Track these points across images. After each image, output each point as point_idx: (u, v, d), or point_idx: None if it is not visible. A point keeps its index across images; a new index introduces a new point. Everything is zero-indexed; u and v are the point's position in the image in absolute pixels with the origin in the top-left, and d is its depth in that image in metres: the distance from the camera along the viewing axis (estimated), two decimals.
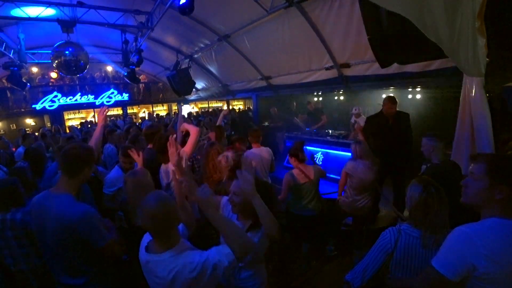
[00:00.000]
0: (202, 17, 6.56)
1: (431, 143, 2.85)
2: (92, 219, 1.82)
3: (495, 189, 1.33)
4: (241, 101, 17.20)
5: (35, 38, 8.10)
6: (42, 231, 1.86)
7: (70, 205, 1.80)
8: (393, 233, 1.70)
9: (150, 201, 1.47)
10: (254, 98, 9.83)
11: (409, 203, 1.70)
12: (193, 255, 1.49)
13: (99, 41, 9.85)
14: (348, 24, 4.84)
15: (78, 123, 13.59)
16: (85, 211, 1.81)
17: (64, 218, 1.76)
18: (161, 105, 17.72)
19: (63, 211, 1.77)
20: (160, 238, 1.51)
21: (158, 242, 1.52)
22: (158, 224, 1.46)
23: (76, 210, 1.78)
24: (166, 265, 1.45)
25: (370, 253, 1.75)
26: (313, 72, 6.46)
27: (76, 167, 1.89)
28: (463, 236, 1.33)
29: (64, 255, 1.85)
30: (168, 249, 1.48)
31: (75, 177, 1.90)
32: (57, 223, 1.77)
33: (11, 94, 13.46)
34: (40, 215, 1.86)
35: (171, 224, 1.50)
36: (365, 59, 5.24)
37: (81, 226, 1.76)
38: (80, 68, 5.85)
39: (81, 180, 1.96)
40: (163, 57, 10.61)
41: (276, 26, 5.87)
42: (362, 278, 1.70)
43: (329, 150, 6.17)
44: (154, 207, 1.44)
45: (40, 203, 1.89)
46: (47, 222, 1.82)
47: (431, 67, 4.19)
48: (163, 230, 1.49)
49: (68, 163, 1.89)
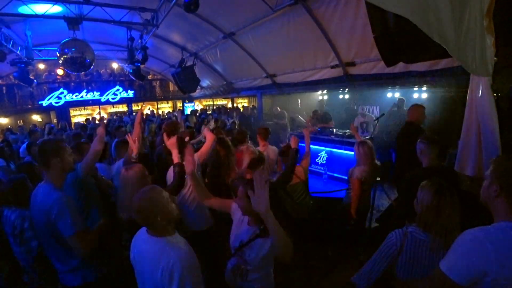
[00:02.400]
0: (207, 15, 6.55)
1: (420, 146, 2.76)
2: (63, 206, 1.90)
3: (492, 186, 1.36)
4: (246, 99, 17.18)
5: (42, 35, 8.15)
6: (34, 219, 2.07)
7: (47, 192, 1.97)
8: (399, 236, 1.68)
9: (137, 196, 1.61)
10: (258, 96, 9.82)
11: (419, 205, 1.67)
12: None
13: (104, 38, 9.89)
14: (353, 22, 4.81)
15: (83, 119, 13.70)
16: (59, 197, 1.93)
17: (42, 204, 1.94)
18: (166, 102, 17.79)
19: (42, 198, 1.96)
20: (149, 228, 1.64)
21: (151, 230, 1.64)
22: (143, 217, 1.59)
23: (50, 196, 1.93)
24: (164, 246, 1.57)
25: (376, 256, 1.74)
26: (318, 70, 6.43)
27: (45, 159, 2.03)
28: (474, 240, 1.29)
29: (52, 240, 1.98)
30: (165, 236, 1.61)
31: (49, 168, 2.04)
32: (39, 210, 1.96)
33: (18, 90, 13.65)
34: (32, 206, 2.07)
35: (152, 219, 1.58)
36: (370, 57, 5.20)
37: (52, 211, 1.88)
38: (86, 65, 5.88)
39: (58, 170, 2.06)
40: (168, 55, 10.62)
41: (282, 23, 5.83)
42: (367, 280, 1.69)
43: (333, 149, 6.13)
44: (138, 201, 1.58)
45: (33, 195, 2.09)
46: (34, 211, 2.04)
47: (438, 66, 4.15)
48: (146, 222, 1.62)
49: (39, 159, 2.10)
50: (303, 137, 6.87)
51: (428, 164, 2.70)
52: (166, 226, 1.63)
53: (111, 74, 16.54)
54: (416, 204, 1.71)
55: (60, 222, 1.89)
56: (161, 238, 1.60)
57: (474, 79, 3.40)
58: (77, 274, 2.04)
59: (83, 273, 2.05)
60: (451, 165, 3.15)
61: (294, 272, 3.56)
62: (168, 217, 1.63)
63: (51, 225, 1.91)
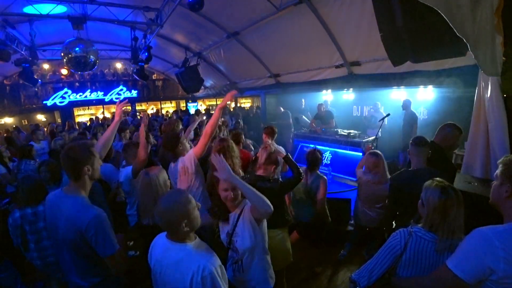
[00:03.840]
0: (211, 14, 6.53)
1: (410, 147, 2.72)
2: (102, 224, 1.76)
3: (503, 186, 1.38)
4: (249, 99, 17.15)
5: (47, 35, 8.19)
6: (54, 229, 1.87)
7: (81, 208, 1.78)
8: (404, 235, 1.65)
9: (163, 199, 1.56)
10: (262, 96, 9.79)
11: (425, 206, 1.64)
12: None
13: (108, 38, 9.92)
14: (359, 21, 4.77)
15: (87, 119, 13.76)
16: (96, 215, 1.75)
17: (74, 221, 1.74)
18: (169, 102, 17.82)
19: (74, 213, 1.75)
20: (170, 233, 1.59)
21: (172, 236, 1.58)
22: (168, 221, 1.52)
23: (86, 214, 1.74)
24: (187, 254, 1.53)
25: (379, 254, 1.71)
26: (323, 70, 6.40)
27: (76, 169, 1.83)
28: (483, 238, 1.29)
29: (74, 256, 1.83)
30: (188, 242, 1.57)
31: (79, 178, 1.85)
32: (68, 224, 1.76)
33: (23, 90, 13.70)
34: (53, 213, 1.87)
35: (177, 224, 1.51)
36: (375, 57, 5.16)
37: (89, 230, 1.72)
38: (90, 64, 5.89)
39: (87, 180, 1.89)
40: (172, 54, 10.63)
41: (286, 23, 5.80)
42: (368, 278, 1.67)
43: (338, 149, 6.10)
44: (163, 204, 1.52)
45: (53, 201, 1.90)
46: (59, 222, 1.81)
47: (444, 65, 4.10)
48: (170, 227, 1.55)
49: (67, 166, 1.85)
50: (307, 137, 6.90)
51: (415, 166, 2.67)
52: (189, 232, 1.57)
53: (114, 74, 16.59)
54: (421, 206, 1.69)
55: (98, 243, 1.74)
56: (185, 244, 1.54)
57: (482, 79, 3.34)
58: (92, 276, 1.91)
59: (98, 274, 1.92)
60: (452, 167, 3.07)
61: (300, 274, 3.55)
62: (193, 224, 1.56)
63: (81, 243, 1.76)
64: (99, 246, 1.75)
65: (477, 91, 3.47)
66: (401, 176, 2.75)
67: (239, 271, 2.04)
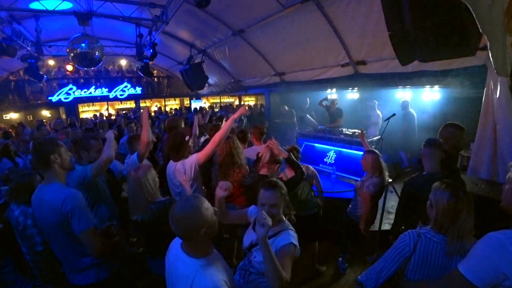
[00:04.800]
0: (217, 11, 6.50)
1: (423, 149, 2.54)
2: (77, 201, 1.90)
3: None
4: (253, 97, 17.12)
5: (52, 31, 8.22)
6: (42, 220, 2.02)
7: (58, 190, 1.95)
8: (413, 237, 1.62)
9: (179, 204, 1.47)
10: (266, 94, 9.76)
11: (434, 208, 1.61)
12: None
13: (113, 35, 9.93)
14: (366, 20, 4.72)
15: (91, 115, 13.81)
16: (70, 193, 1.92)
17: (53, 202, 1.90)
18: (173, 99, 17.85)
19: (53, 196, 1.92)
20: (187, 242, 1.49)
21: (188, 246, 1.50)
22: (185, 229, 1.42)
23: (62, 193, 1.92)
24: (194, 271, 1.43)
25: (387, 255, 1.68)
26: (328, 69, 6.35)
27: (42, 158, 1.99)
28: (497, 242, 1.26)
29: (64, 238, 1.95)
30: (201, 257, 1.46)
31: (47, 168, 2.00)
32: (49, 208, 1.91)
33: (29, 86, 13.78)
34: (38, 206, 2.01)
35: (195, 231, 1.42)
36: (382, 56, 5.11)
37: (65, 207, 1.86)
38: (95, 60, 5.90)
39: (58, 168, 2.03)
40: (176, 52, 10.62)
41: (292, 21, 5.76)
42: (376, 280, 1.64)
43: (342, 148, 6.05)
44: (180, 210, 1.42)
45: (36, 196, 2.04)
46: (43, 210, 1.96)
47: (452, 65, 4.04)
48: (187, 235, 1.45)
49: (36, 159, 2.05)
50: (312, 136, 6.86)
51: (430, 170, 2.50)
52: (207, 242, 1.50)
53: (119, 71, 16.64)
54: (429, 207, 1.66)
55: (73, 218, 1.88)
56: (195, 259, 1.45)
57: (492, 79, 3.30)
58: (88, 272, 2.01)
59: (95, 271, 2.02)
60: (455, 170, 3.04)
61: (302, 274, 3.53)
62: (212, 230, 1.48)
63: (62, 223, 1.89)
64: (74, 221, 1.88)
65: (485, 92, 3.43)
66: (415, 182, 2.62)
67: (244, 280, 1.96)
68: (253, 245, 1.91)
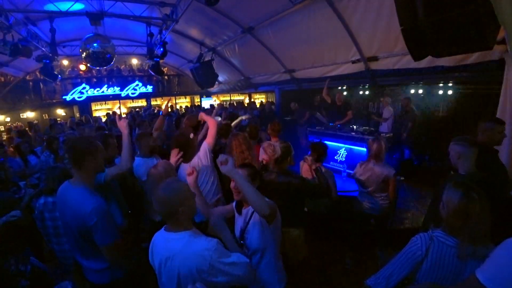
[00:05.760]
0: (226, 9, 6.50)
1: (458, 148, 2.32)
2: (102, 214, 1.85)
3: None
4: (263, 94, 17.07)
5: (66, 32, 8.37)
6: (64, 218, 2.01)
7: (84, 197, 1.88)
8: (425, 240, 1.57)
9: (161, 186, 1.58)
10: (276, 91, 9.71)
11: (445, 208, 1.56)
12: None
13: (124, 34, 10.06)
14: (377, 15, 4.64)
15: (104, 113, 14.07)
16: (97, 204, 1.86)
17: (78, 209, 1.85)
18: (184, 97, 17.98)
19: (78, 203, 1.87)
20: (171, 221, 1.60)
21: (171, 225, 1.60)
22: (166, 208, 1.55)
23: (88, 203, 1.85)
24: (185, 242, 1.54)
25: (397, 259, 1.62)
26: (339, 65, 6.27)
27: (78, 159, 1.95)
28: None
29: (83, 242, 1.94)
30: (186, 230, 1.57)
31: (82, 168, 1.96)
32: (73, 213, 1.88)
33: (44, 85, 14.17)
34: (62, 204, 2.00)
35: (175, 210, 1.54)
36: (394, 52, 5.01)
37: (90, 219, 1.81)
38: (107, 60, 6.01)
39: (91, 170, 2.01)
40: (186, 50, 10.67)
41: (301, 17, 5.71)
42: (386, 284, 1.58)
43: (353, 146, 5.98)
44: (162, 192, 1.55)
45: (61, 193, 2.02)
46: (66, 211, 1.95)
47: (468, 60, 3.93)
48: (171, 214, 1.57)
49: (71, 156, 1.99)
50: (322, 134, 6.79)
51: (465, 170, 2.30)
52: (188, 220, 1.61)
53: (130, 70, 16.88)
54: (441, 208, 1.60)
55: (97, 231, 1.84)
56: (184, 232, 1.56)
57: (509, 74, 3.20)
58: (104, 273, 2.02)
59: (110, 272, 2.03)
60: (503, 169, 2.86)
61: (310, 272, 3.51)
62: (191, 210, 1.61)
63: (84, 231, 1.86)
64: (98, 234, 1.84)
65: (503, 87, 3.32)
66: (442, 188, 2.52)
67: None
68: (243, 230, 1.99)
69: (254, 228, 1.93)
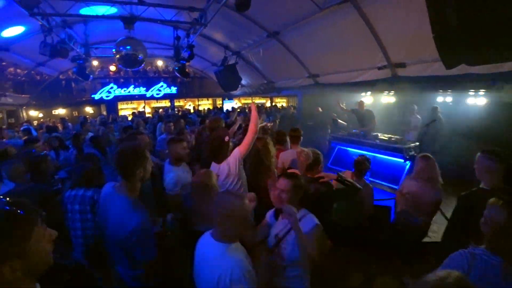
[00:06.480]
0: (253, 14, 6.57)
1: (485, 162, 2.23)
2: (143, 232, 1.81)
3: None
4: (284, 98, 17.08)
5: (97, 34, 8.76)
6: (104, 223, 2.02)
7: (127, 212, 1.83)
8: (466, 257, 1.49)
9: (222, 199, 1.60)
10: (299, 96, 9.70)
11: (489, 226, 1.49)
12: None
13: (151, 37, 10.35)
14: (406, 20, 4.55)
15: (130, 112, 14.59)
16: (140, 222, 1.79)
17: (120, 223, 1.83)
18: (206, 99, 18.32)
19: (121, 216, 1.84)
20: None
21: (222, 233, 1.59)
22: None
23: (131, 220, 1.80)
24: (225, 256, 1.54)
25: None
26: (364, 71, 6.19)
27: (128, 170, 1.89)
28: None
29: (119, 250, 1.94)
30: (231, 242, 1.57)
31: (130, 179, 1.91)
32: (115, 224, 1.87)
33: (75, 84, 14.99)
34: (104, 208, 2.02)
35: (236, 225, 1.55)
36: (423, 58, 4.89)
37: (132, 236, 1.78)
38: (139, 62, 6.25)
39: (138, 180, 1.94)
40: (210, 53, 10.87)
41: (327, 22, 5.69)
42: None
43: (377, 154, 5.86)
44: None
45: (105, 198, 2.02)
46: (108, 217, 1.94)
47: (503, 68, 3.78)
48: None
49: (120, 165, 1.91)
50: (345, 140, 6.71)
51: (489, 184, 2.23)
52: (238, 234, 1.61)
53: (156, 71, 17.41)
54: (483, 224, 1.53)
55: (137, 248, 1.82)
56: (224, 244, 1.56)
57: None
58: (139, 279, 2.00)
59: (146, 278, 1.99)
60: None
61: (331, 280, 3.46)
62: (245, 226, 1.61)
63: (123, 242, 1.83)
64: (138, 252, 1.83)
65: None
66: (474, 197, 2.33)
67: (277, 274, 1.98)
68: (280, 239, 1.97)
69: (290, 243, 1.92)
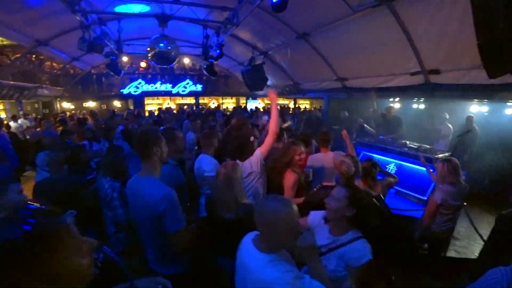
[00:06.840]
0: (283, 15, 6.53)
1: None
2: (172, 201, 1.91)
3: None
4: (307, 101, 16.94)
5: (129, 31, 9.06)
6: (134, 212, 2.12)
7: (154, 187, 1.95)
8: (506, 274, 1.40)
9: (270, 206, 1.45)
10: (325, 99, 9.57)
11: None
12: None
13: (181, 35, 10.54)
14: (444, 26, 4.38)
15: (155, 108, 15.00)
16: (166, 193, 1.91)
17: (149, 197, 1.92)
18: (230, 97, 18.50)
19: (150, 192, 1.93)
20: (264, 242, 1.48)
21: (264, 242, 1.48)
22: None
23: (159, 191, 1.91)
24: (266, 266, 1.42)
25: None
26: (395, 76, 6.02)
27: (145, 149, 2.02)
28: None
29: (153, 232, 2.01)
30: (273, 252, 1.45)
31: (148, 158, 2.03)
32: (144, 202, 1.95)
33: (105, 79, 15.60)
34: (133, 197, 2.09)
35: (282, 235, 1.42)
36: (460, 65, 4.69)
37: (160, 206, 1.87)
38: (171, 59, 6.43)
39: (156, 161, 2.06)
40: (237, 52, 10.96)
41: (359, 25, 5.57)
42: None
43: (404, 162, 5.67)
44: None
45: (132, 186, 2.10)
46: (137, 202, 2.03)
47: None
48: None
49: (139, 148, 2.06)
50: (372, 147, 6.53)
51: None
52: (283, 245, 1.49)
53: (182, 69, 17.78)
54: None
55: (166, 217, 1.89)
56: (266, 254, 1.45)
57: None
58: (170, 264, 2.09)
59: (176, 264, 2.10)
60: None
61: None
62: (292, 236, 1.45)
63: (154, 219, 1.91)
64: (168, 221, 1.89)
65: None
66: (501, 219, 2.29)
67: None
68: (323, 254, 1.85)
69: (333, 262, 1.81)
